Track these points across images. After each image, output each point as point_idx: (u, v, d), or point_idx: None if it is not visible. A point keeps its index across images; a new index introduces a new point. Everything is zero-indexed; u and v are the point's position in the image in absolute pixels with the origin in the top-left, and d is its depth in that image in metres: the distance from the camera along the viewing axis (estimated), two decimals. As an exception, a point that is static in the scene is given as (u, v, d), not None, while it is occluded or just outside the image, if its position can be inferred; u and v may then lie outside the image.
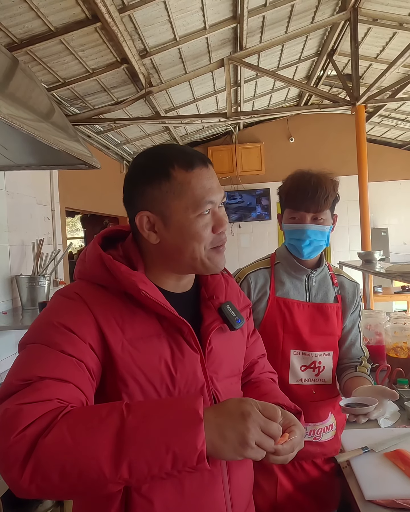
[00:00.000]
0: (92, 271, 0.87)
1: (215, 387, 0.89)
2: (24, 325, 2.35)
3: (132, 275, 0.82)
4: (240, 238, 6.49)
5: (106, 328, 0.80)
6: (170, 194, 0.84)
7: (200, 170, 0.85)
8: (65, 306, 0.83)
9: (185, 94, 4.44)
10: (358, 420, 1.17)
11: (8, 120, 1.29)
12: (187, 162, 0.84)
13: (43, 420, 0.66)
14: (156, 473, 0.65)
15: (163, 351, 0.84)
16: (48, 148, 1.66)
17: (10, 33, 2.45)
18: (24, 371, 0.73)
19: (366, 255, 3.01)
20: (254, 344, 1.10)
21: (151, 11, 2.75)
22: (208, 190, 0.84)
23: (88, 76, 3.25)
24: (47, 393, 0.70)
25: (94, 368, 0.79)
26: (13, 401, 0.69)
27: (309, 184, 1.32)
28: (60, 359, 0.75)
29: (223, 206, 0.90)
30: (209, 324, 0.90)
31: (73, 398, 0.73)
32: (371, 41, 4.15)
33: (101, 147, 4.89)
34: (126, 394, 0.81)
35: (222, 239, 0.88)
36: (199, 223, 0.84)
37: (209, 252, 0.87)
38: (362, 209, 4.12)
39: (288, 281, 1.43)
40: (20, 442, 0.64)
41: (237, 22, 3.29)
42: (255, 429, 0.68)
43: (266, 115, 4.77)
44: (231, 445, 0.67)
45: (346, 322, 1.47)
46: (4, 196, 2.76)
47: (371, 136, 6.23)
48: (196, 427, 0.66)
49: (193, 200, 0.83)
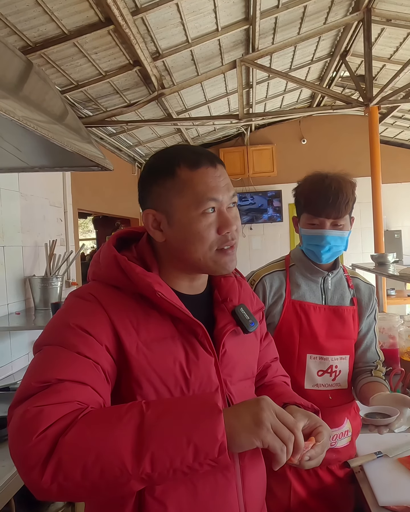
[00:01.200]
0: (107, 272, 0.87)
1: (228, 390, 0.88)
2: (36, 325, 2.37)
3: (147, 276, 0.82)
4: (251, 240, 6.47)
5: (121, 329, 0.80)
6: (173, 192, 0.84)
7: (206, 169, 0.84)
8: (81, 307, 0.83)
9: (197, 96, 4.44)
10: (380, 431, 1.15)
11: (23, 122, 1.30)
12: (192, 161, 0.84)
13: (64, 420, 0.67)
14: (178, 466, 0.65)
15: (178, 353, 0.83)
16: (61, 150, 1.66)
17: (24, 37, 2.48)
18: (42, 373, 0.73)
19: (379, 257, 2.98)
20: (266, 347, 1.09)
21: (164, 14, 2.76)
22: (211, 188, 0.83)
23: (101, 78, 3.27)
24: (67, 395, 0.70)
25: (109, 370, 0.79)
26: (32, 402, 0.69)
27: (329, 190, 1.29)
28: (78, 361, 0.75)
29: (234, 207, 0.88)
30: (223, 326, 0.89)
31: (92, 400, 0.73)
32: (385, 41, 4.12)
33: (113, 149, 4.91)
34: (140, 396, 0.80)
35: (228, 241, 0.85)
36: (202, 222, 0.83)
37: (214, 253, 0.85)
38: (375, 211, 4.09)
39: (304, 284, 1.41)
40: (41, 443, 0.64)
41: (249, 24, 3.29)
42: (269, 411, 0.70)
43: (278, 116, 4.76)
44: (245, 424, 0.69)
45: (362, 325, 1.45)
46: (18, 198, 2.78)
47: (385, 137, 6.17)
48: (216, 418, 0.66)
49: (195, 197, 0.83)
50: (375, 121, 4.06)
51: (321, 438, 0.79)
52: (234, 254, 0.88)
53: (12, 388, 2.18)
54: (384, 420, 1.14)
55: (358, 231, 5.89)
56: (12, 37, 2.44)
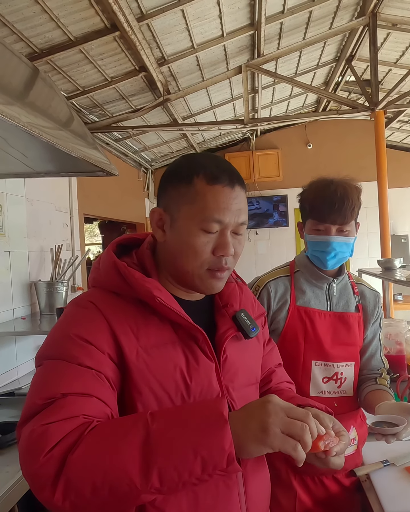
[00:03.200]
0: (107, 279, 0.87)
1: (230, 397, 0.87)
2: (42, 330, 2.37)
3: (146, 282, 0.82)
4: (257, 245, 6.46)
5: (121, 335, 0.80)
6: (184, 199, 0.84)
7: (223, 187, 0.82)
8: (80, 316, 0.83)
9: (203, 101, 4.45)
10: (387, 440, 1.13)
11: (28, 128, 1.31)
12: (213, 175, 0.82)
13: (70, 437, 0.66)
14: (187, 479, 0.64)
15: (178, 359, 0.82)
16: (67, 156, 1.67)
17: (31, 43, 2.50)
18: (45, 389, 0.73)
19: (386, 262, 2.97)
20: (270, 352, 1.08)
21: (169, 20, 2.78)
22: (221, 209, 0.81)
23: (107, 84, 3.29)
24: (72, 409, 0.70)
25: (113, 377, 0.78)
26: (38, 421, 0.68)
27: (335, 196, 1.28)
28: (80, 373, 0.74)
29: (241, 236, 0.86)
30: (224, 332, 0.89)
31: (98, 412, 0.72)
32: (391, 46, 4.11)
33: (119, 154, 4.93)
34: (140, 403, 0.80)
35: (220, 264, 0.83)
36: (199, 237, 0.82)
37: (203, 272, 0.84)
38: (382, 216, 4.07)
39: (309, 290, 1.40)
40: (49, 462, 0.64)
41: (255, 29, 3.30)
42: (276, 414, 0.67)
43: (284, 121, 4.76)
44: (252, 434, 0.66)
45: (367, 332, 1.44)
46: (24, 203, 2.80)
47: (391, 141, 6.15)
48: (222, 428, 0.65)
49: (201, 213, 0.82)
50: (381, 126, 4.05)
51: (343, 440, 0.78)
52: (223, 278, 0.86)
53: (18, 393, 2.18)
54: (391, 429, 1.12)
55: (364, 236, 5.86)
56: (18, 44, 2.46)
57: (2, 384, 2.41)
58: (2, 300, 2.52)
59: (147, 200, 6.15)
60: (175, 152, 5.86)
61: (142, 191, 5.98)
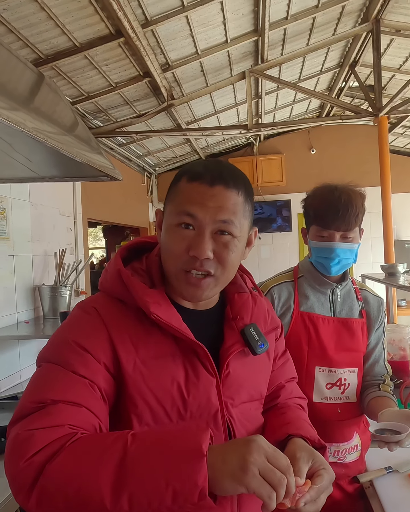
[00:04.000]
0: (112, 286, 0.86)
1: (229, 413, 0.85)
2: (45, 334, 2.37)
3: (146, 295, 0.80)
4: (260, 250, 6.45)
5: (120, 346, 0.79)
6: (170, 196, 0.85)
7: (200, 184, 0.80)
8: (82, 322, 0.83)
9: (207, 107, 4.47)
10: (390, 448, 1.12)
11: (33, 133, 1.32)
12: (195, 174, 0.82)
13: (52, 447, 0.66)
14: (157, 507, 0.62)
15: (177, 372, 0.81)
16: (71, 161, 1.68)
17: (36, 49, 2.52)
18: (38, 393, 0.74)
19: (389, 267, 2.96)
20: (282, 367, 1.03)
21: (174, 26, 2.80)
22: (192, 201, 0.79)
23: (111, 89, 3.31)
24: (59, 418, 0.70)
25: (106, 388, 0.78)
26: (25, 425, 0.69)
27: (339, 202, 1.28)
28: (73, 381, 0.74)
29: (228, 240, 0.80)
30: (229, 346, 0.86)
31: (85, 423, 0.72)
32: (394, 52, 4.12)
33: (123, 159, 4.96)
34: (135, 415, 0.79)
35: (193, 264, 0.79)
36: (174, 233, 0.81)
37: (179, 272, 0.81)
38: (385, 221, 4.06)
39: (312, 295, 1.40)
40: (28, 469, 0.64)
41: (258, 35, 3.31)
42: (258, 454, 0.63)
43: (287, 126, 4.77)
44: (229, 469, 0.63)
45: (371, 338, 1.43)
46: (28, 207, 2.81)
47: (394, 147, 6.15)
48: (197, 462, 0.62)
49: (175, 207, 0.82)
50: (385, 131, 4.05)
51: (319, 481, 0.72)
52: (201, 286, 0.81)
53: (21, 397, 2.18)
54: (394, 437, 1.12)
55: (367, 241, 5.85)
56: (24, 50, 2.48)
57: (5, 388, 2.42)
58: (6, 304, 2.53)
59: (151, 204, 6.16)
60: (179, 157, 5.88)
61: (146, 196, 6.00)
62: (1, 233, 2.50)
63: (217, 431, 0.83)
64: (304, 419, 0.95)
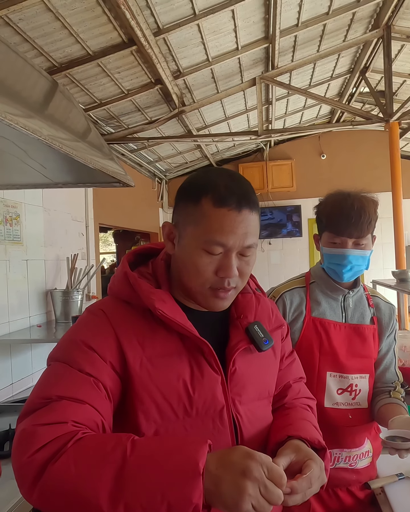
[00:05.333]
0: (119, 288, 0.90)
1: (236, 410, 0.86)
2: (57, 338, 2.40)
3: (152, 293, 0.84)
4: (270, 255, 6.45)
5: (127, 344, 0.81)
6: (190, 218, 0.84)
7: (229, 211, 0.80)
8: (90, 323, 0.86)
9: (217, 113, 4.50)
10: (400, 455, 1.12)
11: (49, 141, 1.34)
12: (220, 198, 0.81)
13: (54, 444, 0.68)
14: None
15: (183, 370, 0.83)
16: (84, 167, 1.71)
17: (51, 58, 2.57)
18: (45, 389, 0.77)
19: (400, 273, 2.95)
20: (289, 366, 1.05)
21: (185, 34, 2.83)
22: (224, 232, 0.80)
23: (123, 96, 3.35)
24: (63, 414, 0.72)
25: (112, 387, 0.80)
26: (31, 420, 0.72)
27: (352, 210, 1.28)
28: (79, 379, 0.77)
29: (249, 256, 0.85)
30: (235, 344, 0.88)
31: (88, 420, 0.74)
32: (405, 57, 4.12)
33: (134, 165, 5.00)
34: (142, 412, 0.80)
35: (222, 285, 0.83)
36: (202, 258, 0.82)
37: (205, 290, 0.84)
38: (396, 227, 4.04)
39: (324, 301, 1.40)
40: (30, 465, 0.67)
41: (269, 42, 3.34)
42: (254, 488, 0.62)
43: (297, 132, 4.78)
44: (224, 503, 0.63)
45: (382, 345, 1.43)
46: (41, 213, 2.85)
47: (405, 152, 6.13)
48: (193, 480, 0.62)
49: (205, 235, 0.81)
50: (396, 137, 4.04)
51: (308, 470, 0.72)
52: (227, 298, 0.86)
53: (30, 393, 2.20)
54: (405, 444, 1.11)
55: (378, 247, 5.81)
56: (39, 59, 2.53)
57: (18, 391, 2.44)
58: (19, 308, 2.57)
59: (161, 210, 6.20)
60: (189, 163, 5.92)
61: (156, 201, 6.04)
62: (15, 238, 2.54)
63: (223, 427, 0.85)
64: (307, 420, 0.95)
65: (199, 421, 0.83)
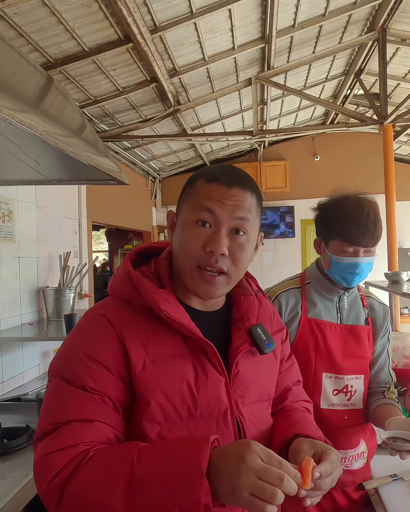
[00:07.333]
0: (121, 288, 0.88)
1: (239, 412, 0.86)
2: (49, 336, 2.38)
3: (156, 294, 0.82)
4: (263, 255, 6.46)
5: (130, 346, 0.80)
6: (185, 198, 0.87)
7: (218, 185, 0.83)
8: (90, 331, 0.84)
9: (212, 112, 4.50)
10: (402, 456, 1.12)
11: (45, 137, 1.33)
12: (212, 176, 0.85)
13: (68, 467, 0.71)
14: None
15: (187, 371, 0.82)
16: (78, 164, 1.69)
17: (46, 53, 2.55)
18: (52, 414, 0.77)
19: (393, 275, 2.96)
20: (288, 369, 1.05)
21: (182, 32, 2.82)
22: (211, 198, 0.82)
23: (119, 94, 3.33)
24: (73, 438, 0.73)
25: (119, 397, 0.80)
26: (44, 448, 0.74)
27: (369, 220, 1.27)
28: (83, 398, 0.77)
29: (242, 239, 0.84)
30: (237, 346, 0.88)
31: (100, 437, 0.75)
32: (400, 60, 4.15)
33: (128, 163, 4.98)
34: (146, 414, 0.80)
35: (209, 261, 0.81)
36: (191, 230, 0.83)
37: (193, 269, 0.83)
38: (389, 229, 4.06)
39: (320, 302, 1.40)
40: (51, 491, 0.71)
41: (265, 43, 3.34)
42: (247, 476, 0.63)
43: (292, 133, 4.79)
44: (222, 492, 0.65)
45: (377, 345, 1.43)
46: (34, 210, 2.82)
47: (399, 155, 6.17)
48: (198, 481, 0.64)
49: (194, 203, 0.84)
50: (390, 139, 4.06)
51: (329, 456, 0.74)
52: (214, 284, 0.83)
53: (24, 399, 2.18)
54: (407, 445, 1.11)
55: (370, 248, 5.84)
56: (34, 54, 2.50)
57: (8, 389, 2.42)
58: (10, 306, 2.54)
59: (155, 208, 6.18)
60: (183, 162, 5.91)
61: (150, 200, 6.02)
62: (7, 235, 2.51)
63: (227, 429, 0.84)
64: (310, 421, 0.96)
65: (203, 423, 0.83)
